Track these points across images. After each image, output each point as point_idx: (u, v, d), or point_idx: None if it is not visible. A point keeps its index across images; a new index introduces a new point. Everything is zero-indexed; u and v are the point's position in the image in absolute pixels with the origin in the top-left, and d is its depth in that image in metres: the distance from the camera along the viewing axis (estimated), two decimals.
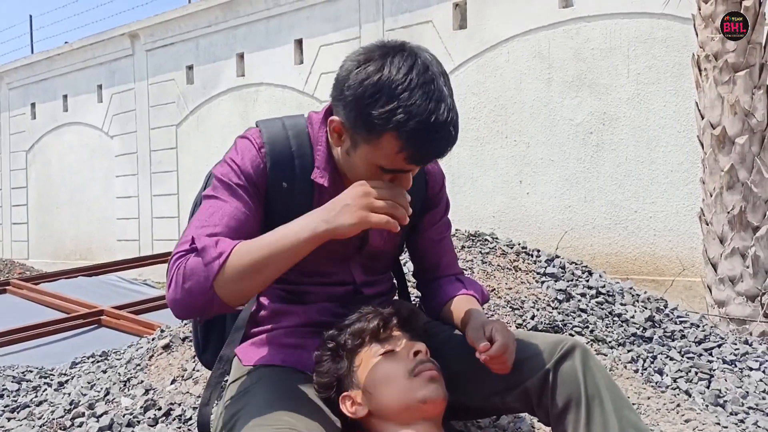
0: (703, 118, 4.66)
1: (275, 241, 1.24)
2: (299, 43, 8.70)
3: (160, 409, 1.99)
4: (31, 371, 2.86)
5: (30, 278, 6.62)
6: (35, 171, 12.76)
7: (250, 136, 1.43)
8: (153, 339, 2.72)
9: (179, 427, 1.86)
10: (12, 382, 2.67)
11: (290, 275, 1.52)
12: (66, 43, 11.87)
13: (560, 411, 1.33)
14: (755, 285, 4.35)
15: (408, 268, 2.09)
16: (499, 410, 1.53)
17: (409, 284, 1.85)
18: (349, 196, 1.23)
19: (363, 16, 7.92)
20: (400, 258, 1.75)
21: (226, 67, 9.47)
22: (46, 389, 2.55)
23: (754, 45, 4.48)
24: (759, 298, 4.36)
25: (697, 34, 4.74)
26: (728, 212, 4.48)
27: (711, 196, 4.61)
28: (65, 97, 12.09)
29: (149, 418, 1.94)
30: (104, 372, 2.57)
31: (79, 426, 1.98)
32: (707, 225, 4.64)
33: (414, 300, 1.88)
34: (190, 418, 1.90)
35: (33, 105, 12.78)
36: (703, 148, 4.69)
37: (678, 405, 2.08)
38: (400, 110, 1.20)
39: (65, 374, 2.79)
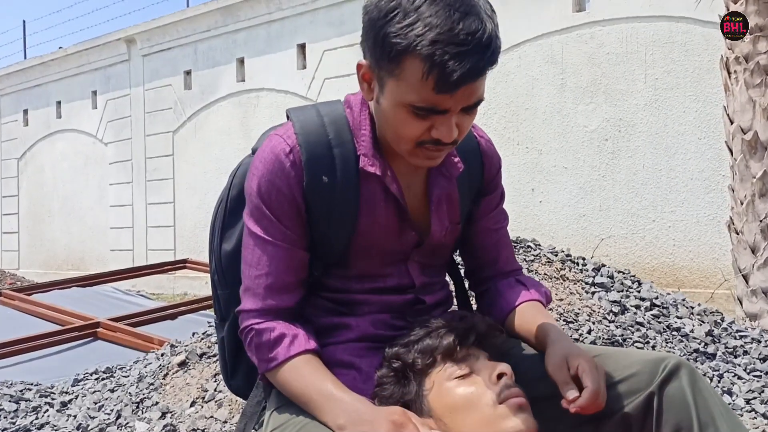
0: (732, 122, 4.49)
1: (309, 402, 1.19)
2: (302, 47, 8.54)
3: None
4: (30, 389, 2.61)
5: (22, 289, 6.47)
6: (27, 179, 12.51)
7: (281, 133, 1.26)
8: (163, 355, 2.49)
9: None
10: (9, 401, 2.41)
11: (338, 282, 1.31)
12: (60, 48, 11.66)
13: None
14: None
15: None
16: None
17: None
18: (377, 427, 1.08)
19: None
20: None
21: (226, 73, 9.29)
22: (47, 410, 2.30)
23: None
24: None
25: (725, 36, 4.59)
26: (761, 221, 4.30)
27: (742, 204, 4.43)
28: (59, 103, 11.88)
29: None
30: (112, 391, 2.33)
31: None
32: (737, 234, 4.46)
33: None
34: None
35: (26, 111, 12.56)
36: (732, 154, 4.51)
37: (763, 430, 1.87)
38: (418, 23, 1.04)
39: (67, 392, 2.54)
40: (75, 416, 2.11)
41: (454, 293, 1.53)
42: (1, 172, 13.04)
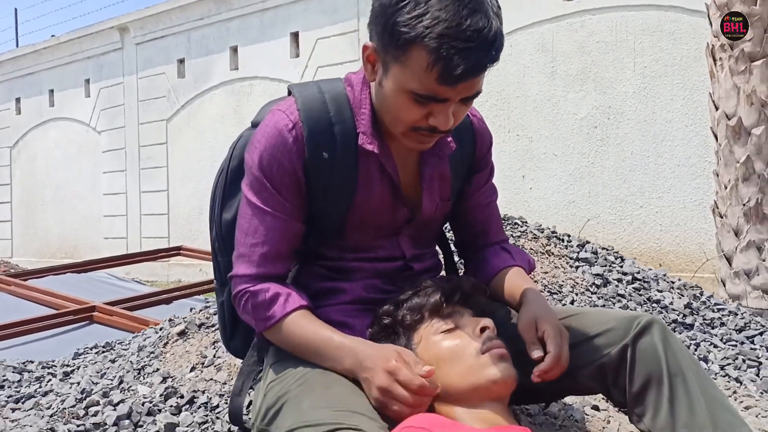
0: (717, 109, 4.58)
1: (313, 350, 1.27)
2: (295, 36, 8.57)
3: (182, 396, 1.83)
4: (32, 362, 2.68)
5: (18, 274, 6.46)
6: (20, 168, 12.50)
7: (284, 108, 1.31)
8: (161, 329, 2.57)
9: (206, 416, 1.70)
10: (13, 372, 2.49)
11: (333, 252, 1.39)
12: (53, 36, 11.62)
13: (639, 389, 1.22)
14: None
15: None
16: (570, 391, 1.40)
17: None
18: (375, 374, 1.17)
19: (361, 8, 7.80)
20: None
21: (219, 61, 9.31)
22: (50, 379, 2.38)
23: None
24: None
25: (711, 24, 4.67)
26: (744, 204, 4.40)
27: (726, 188, 4.53)
28: (51, 91, 11.83)
29: (171, 406, 1.78)
30: (113, 362, 2.41)
31: (94, 415, 1.81)
32: (721, 218, 4.56)
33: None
34: (218, 406, 1.75)
35: (18, 100, 12.50)
36: (717, 139, 4.61)
37: (734, 392, 1.97)
38: (427, 15, 1.09)
39: (68, 365, 2.61)
40: (78, 383, 2.19)
41: (443, 262, 1.62)
42: None
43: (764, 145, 4.36)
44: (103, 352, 2.72)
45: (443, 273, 1.59)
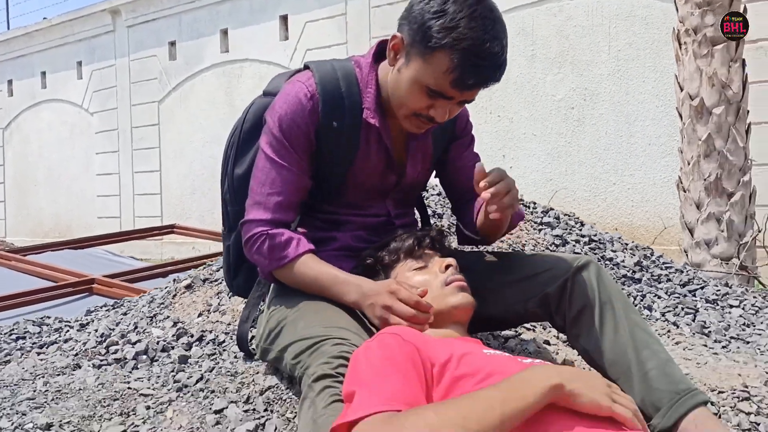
0: (682, 90, 4.86)
1: (320, 285, 1.52)
2: (284, 19, 8.77)
3: (192, 336, 2.12)
4: (49, 317, 2.95)
5: (17, 250, 6.57)
6: (12, 149, 12.64)
7: (303, 80, 1.56)
8: (166, 287, 2.85)
9: (214, 349, 1.99)
10: (33, 325, 2.76)
11: (330, 207, 1.68)
12: (44, 19, 11.74)
13: (576, 314, 1.51)
14: (729, 248, 4.60)
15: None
16: (520, 318, 1.69)
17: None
18: (378, 297, 1.42)
19: None
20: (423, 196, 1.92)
21: (210, 43, 9.50)
22: (68, 330, 2.65)
23: None
24: (732, 259, 4.61)
25: (677, 9, 4.94)
26: (705, 179, 4.70)
27: (689, 164, 4.83)
28: (43, 73, 11.98)
29: (182, 343, 2.07)
30: (125, 314, 2.68)
31: (114, 352, 2.09)
32: (685, 192, 4.87)
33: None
34: (224, 341, 2.04)
35: (10, 82, 12.63)
36: (681, 119, 4.90)
37: (669, 331, 2.28)
38: (459, 29, 1.34)
39: (82, 321, 2.89)
40: (96, 330, 2.47)
41: (420, 222, 1.93)
42: None
43: (724, 123, 4.66)
44: (114, 308, 2.99)
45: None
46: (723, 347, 2.28)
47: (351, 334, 1.38)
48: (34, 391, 1.80)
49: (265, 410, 1.57)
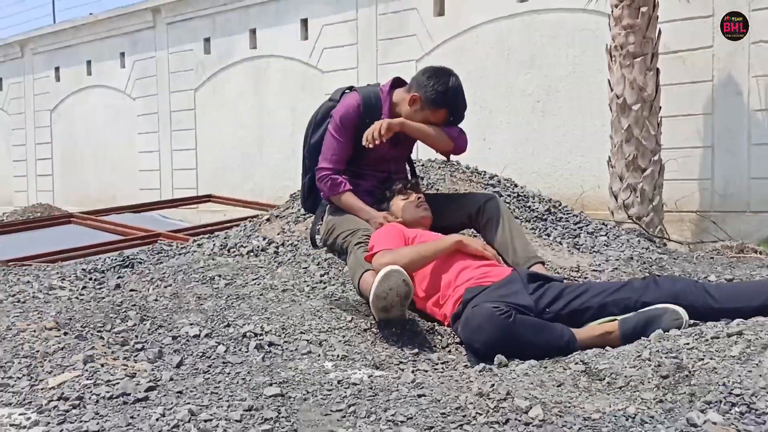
0: (611, 90, 6.48)
1: (353, 209, 3.18)
2: (305, 22, 10.23)
3: (278, 244, 3.78)
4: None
5: (91, 212, 7.83)
6: (60, 128, 14.12)
7: (354, 96, 3.25)
8: (253, 218, 4.49)
9: (292, 248, 3.65)
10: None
11: (357, 167, 3.36)
12: (90, 14, 13.21)
13: (485, 223, 3.22)
14: (641, 209, 6.23)
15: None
16: (458, 227, 3.35)
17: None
18: (376, 219, 3.13)
19: (360, 0, 9.57)
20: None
21: (240, 41, 10.93)
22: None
23: (647, 39, 6.28)
24: (643, 218, 6.23)
25: (610, 29, 6.54)
26: (626, 158, 6.33)
27: (615, 147, 6.47)
28: (89, 62, 13.34)
29: (273, 246, 3.73)
30: (226, 238, 4.33)
31: (237, 249, 3.76)
32: (612, 168, 6.51)
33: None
34: (297, 245, 3.69)
35: (57, 69, 13.99)
36: (611, 112, 6.52)
37: (551, 245, 3.93)
38: (448, 93, 3.08)
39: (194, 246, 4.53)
40: (200, 245, 4.12)
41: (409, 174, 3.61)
42: (35, 122, 14.66)
43: (640, 117, 6.27)
44: (211, 238, 4.63)
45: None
46: (589, 255, 3.94)
47: (367, 230, 3.07)
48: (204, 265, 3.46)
49: (329, 267, 3.24)
